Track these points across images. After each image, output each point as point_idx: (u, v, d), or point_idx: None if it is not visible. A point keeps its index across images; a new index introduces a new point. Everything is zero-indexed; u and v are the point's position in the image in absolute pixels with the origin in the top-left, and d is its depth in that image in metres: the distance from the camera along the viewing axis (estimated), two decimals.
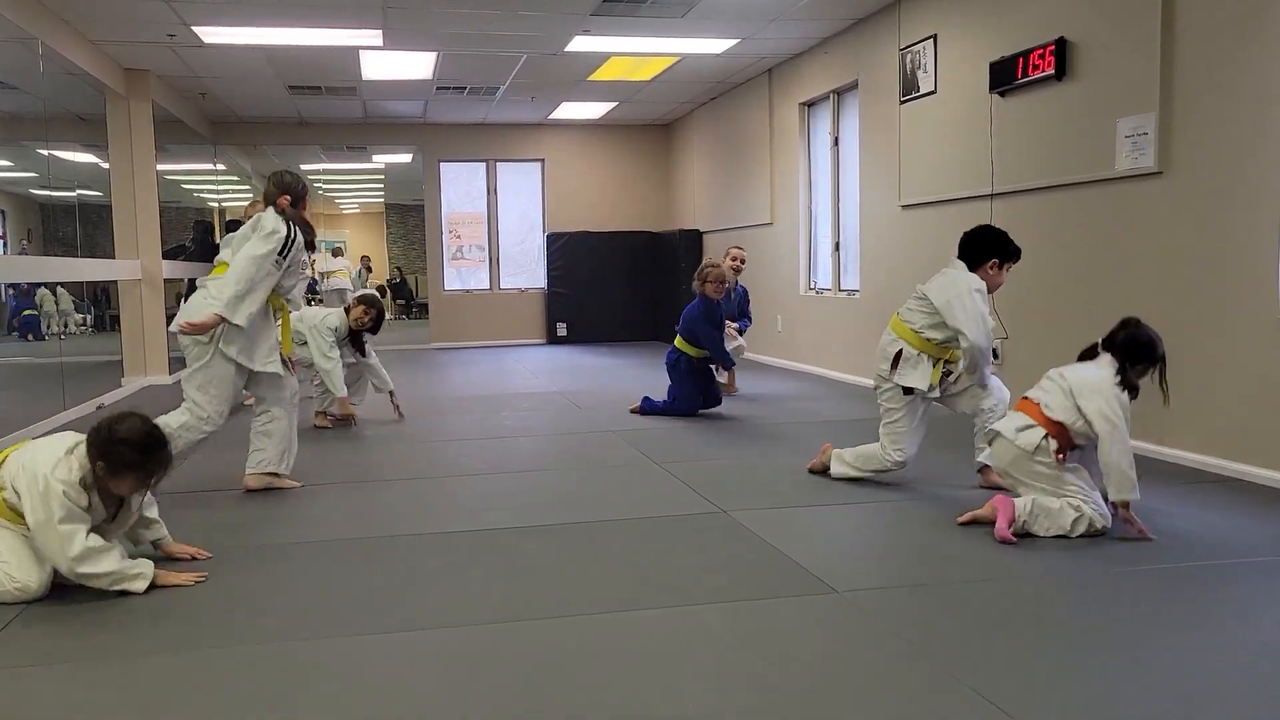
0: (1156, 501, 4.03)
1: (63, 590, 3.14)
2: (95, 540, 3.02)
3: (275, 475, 4.47)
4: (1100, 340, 3.72)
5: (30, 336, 8.87)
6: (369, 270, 20.38)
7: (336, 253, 17.93)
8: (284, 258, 4.24)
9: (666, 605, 2.93)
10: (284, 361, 4.43)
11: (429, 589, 3.13)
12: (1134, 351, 3.62)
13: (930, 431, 4.42)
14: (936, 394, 4.32)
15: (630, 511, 4.05)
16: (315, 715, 2.27)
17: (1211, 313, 4.58)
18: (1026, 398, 3.75)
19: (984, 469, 4.32)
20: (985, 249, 4.26)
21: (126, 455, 3.01)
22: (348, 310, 6.24)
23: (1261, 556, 3.31)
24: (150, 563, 3.15)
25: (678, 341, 6.65)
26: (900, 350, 4.24)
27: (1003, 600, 2.97)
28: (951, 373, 4.34)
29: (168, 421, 4.09)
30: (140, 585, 3.08)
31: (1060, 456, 3.59)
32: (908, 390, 4.24)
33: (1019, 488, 3.70)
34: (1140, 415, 4.99)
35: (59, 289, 9.31)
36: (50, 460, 3.01)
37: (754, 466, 4.89)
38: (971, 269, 4.24)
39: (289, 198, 4.35)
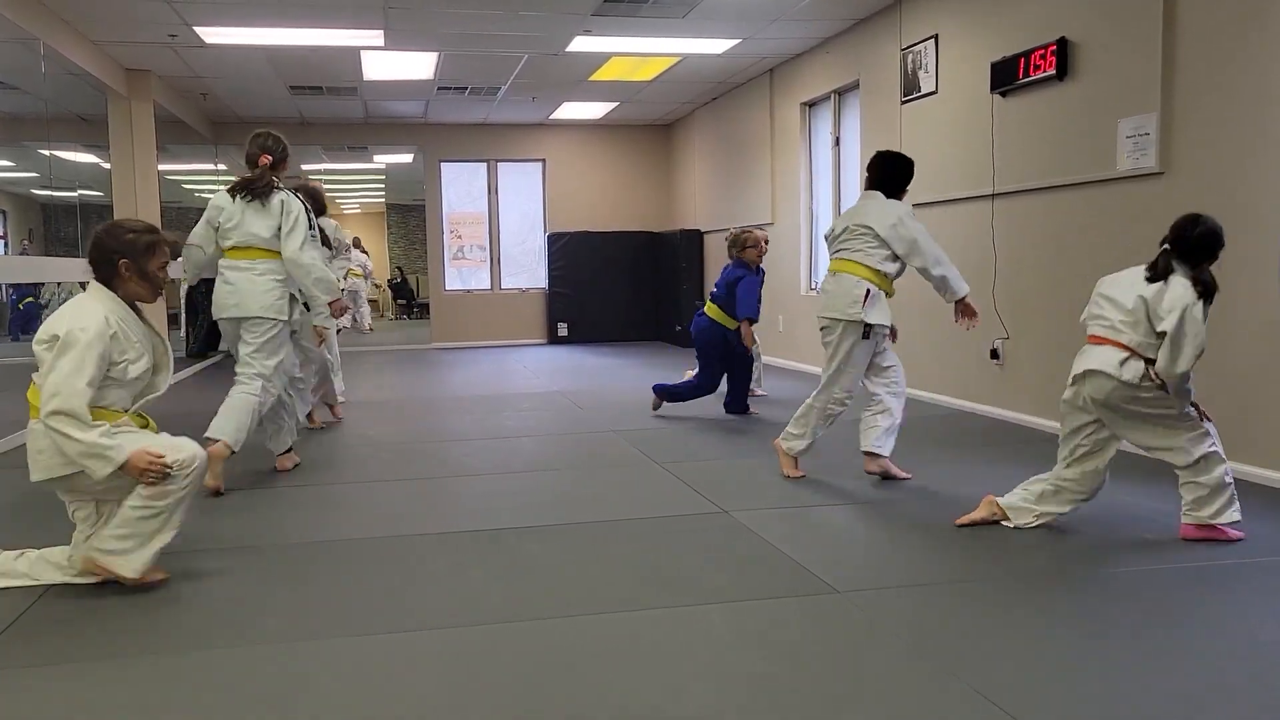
0: (1158, 501, 4.02)
1: (66, 589, 3.15)
2: (86, 415, 2.92)
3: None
4: (1165, 248, 3.42)
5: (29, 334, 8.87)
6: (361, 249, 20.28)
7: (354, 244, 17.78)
8: (313, 229, 4.80)
9: (668, 605, 2.94)
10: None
11: (431, 589, 3.13)
12: (1209, 246, 3.36)
13: (932, 433, 4.42)
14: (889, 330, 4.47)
15: (631, 511, 4.06)
16: (317, 715, 2.28)
17: (1213, 312, 4.56)
18: (1096, 334, 3.52)
19: (870, 455, 4.42)
20: (906, 176, 4.46)
21: (140, 237, 3.18)
22: None
23: (1262, 556, 3.31)
24: (125, 449, 2.96)
25: (710, 309, 6.23)
26: (868, 289, 4.28)
27: (1003, 600, 2.97)
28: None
29: (253, 394, 4.45)
30: (102, 469, 2.92)
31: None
32: (867, 332, 4.33)
33: (1118, 428, 3.51)
34: None
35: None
36: (71, 319, 3.01)
37: (755, 467, 4.89)
38: (891, 196, 4.39)
39: (270, 158, 4.64)
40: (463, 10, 7.18)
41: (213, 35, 7.68)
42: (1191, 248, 3.38)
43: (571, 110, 11.58)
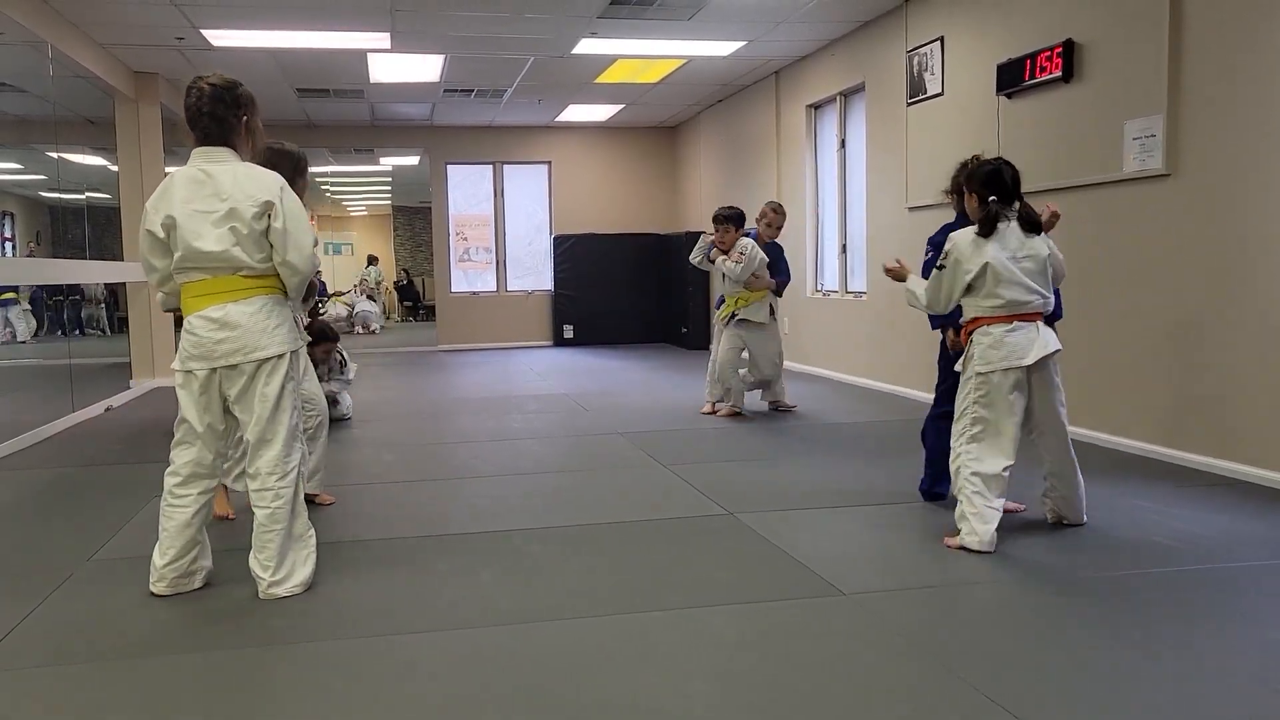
0: (1167, 504, 4.02)
1: (72, 590, 3.15)
2: None
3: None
4: (996, 201, 3.50)
5: None
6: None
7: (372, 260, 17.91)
8: None
9: (674, 607, 2.93)
10: None
11: (437, 591, 3.13)
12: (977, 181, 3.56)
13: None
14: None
15: (637, 514, 4.06)
16: (323, 716, 2.28)
17: (1221, 315, 4.56)
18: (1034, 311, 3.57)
19: None
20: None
21: (246, 90, 3.16)
22: None
23: (1272, 560, 3.30)
24: None
25: None
26: None
27: (1010, 602, 2.96)
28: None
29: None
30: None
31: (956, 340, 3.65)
32: None
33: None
34: (1153, 418, 4.99)
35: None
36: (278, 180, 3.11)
37: (760, 469, 4.89)
38: None
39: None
40: (469, 13, 7.19)
41: (220, 38, 7.70)
42: (1015, 187, 3.52)
43: (577, 112, 11.59)
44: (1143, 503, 4.06)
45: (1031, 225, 3.51)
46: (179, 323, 3.89)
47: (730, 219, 6.45)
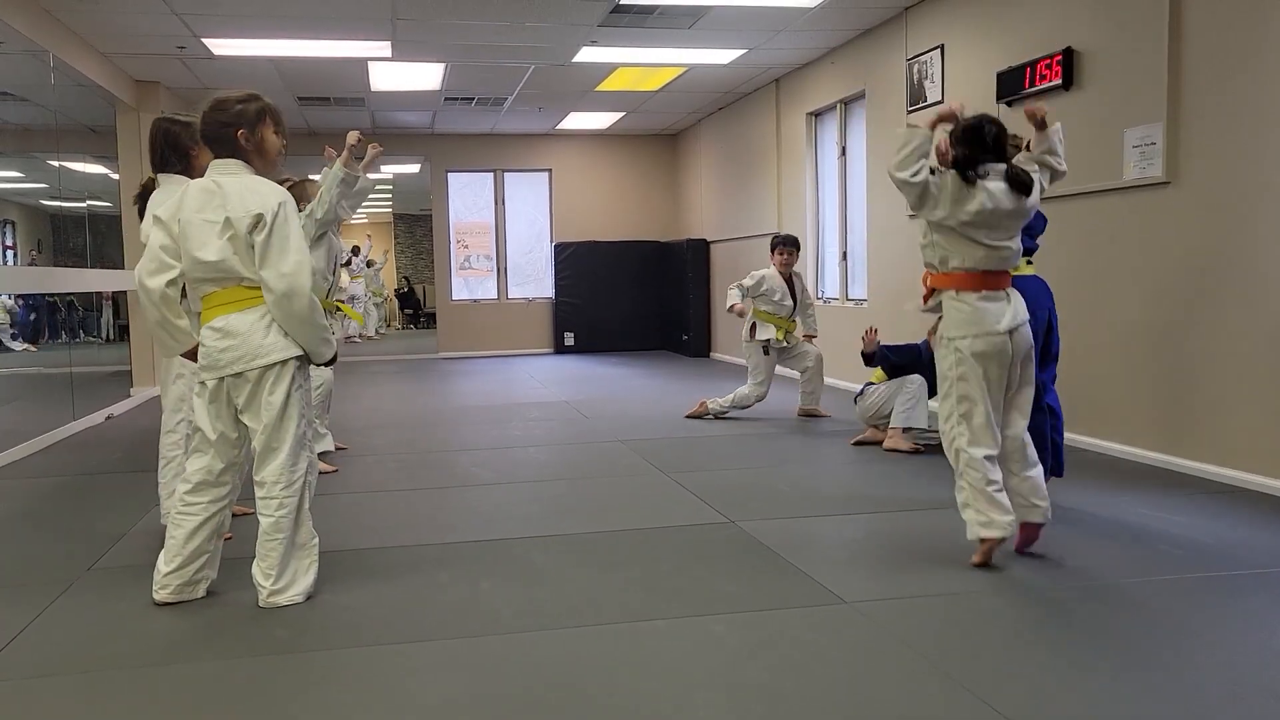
0: (1167, 511, 4.01)
1: (74, 596, 3.15)
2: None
3: None
4: (972, 157, 3.41)
5: None
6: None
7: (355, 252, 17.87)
8: None
9: (676, 615, 2.93)
10: None
11: (438, 600, 3.13)
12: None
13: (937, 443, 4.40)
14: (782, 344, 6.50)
15: (639, 522, 4.05)
16: None
17: (1221, 323, 4.56)
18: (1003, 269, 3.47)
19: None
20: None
21: (250, 105, 3.18)
22: None
23: (1272, 567, 3.30)
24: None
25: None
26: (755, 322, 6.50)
27: (1011, 610, 2.96)
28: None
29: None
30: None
31: (925, 299, 3.51)
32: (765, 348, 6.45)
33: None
34: (1152, 425, 4.99)
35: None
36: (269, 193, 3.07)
37: (762, 477, 4.88)
38: None
39: None
40: (470, 21, 7.21)
41: (221, 47, 7.72)
42: (999, 141, 3.45)
43: (578, 120, 11.61)
44: (1142, 510, 4.06)
45: (1020, 186, 3.42)
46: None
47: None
